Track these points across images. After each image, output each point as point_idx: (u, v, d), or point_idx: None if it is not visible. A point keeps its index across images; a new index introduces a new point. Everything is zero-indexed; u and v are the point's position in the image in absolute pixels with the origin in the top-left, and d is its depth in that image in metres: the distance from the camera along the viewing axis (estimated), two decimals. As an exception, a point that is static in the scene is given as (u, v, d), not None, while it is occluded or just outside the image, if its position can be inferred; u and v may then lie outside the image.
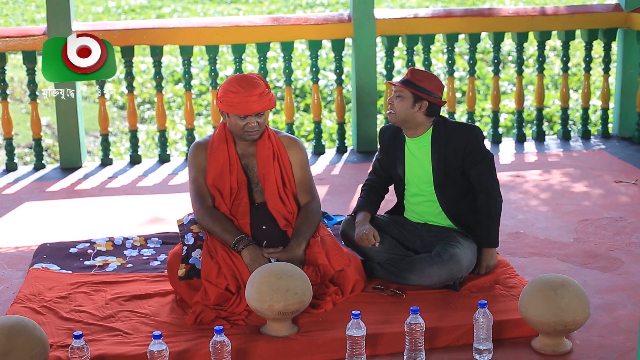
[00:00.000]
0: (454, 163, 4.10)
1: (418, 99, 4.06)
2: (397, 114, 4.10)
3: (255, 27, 6.60)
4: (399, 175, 4.23)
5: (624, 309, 3.89)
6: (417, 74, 4.09)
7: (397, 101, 4.09)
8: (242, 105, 3.96)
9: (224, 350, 3.29)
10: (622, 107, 7.06)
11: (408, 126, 4.14)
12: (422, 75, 4.08)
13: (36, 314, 3.83)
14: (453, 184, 4.13)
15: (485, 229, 4.14)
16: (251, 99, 3.96)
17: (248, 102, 3.96)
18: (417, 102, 4.06)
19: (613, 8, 6.96)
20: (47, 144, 10.27)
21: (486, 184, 4.14)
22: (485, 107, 10.96)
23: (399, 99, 4.08)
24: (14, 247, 4.88)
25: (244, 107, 3.96)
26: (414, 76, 4.08)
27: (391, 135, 4.25)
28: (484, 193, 4.13)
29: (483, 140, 4.16)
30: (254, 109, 3.97)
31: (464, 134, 4.10)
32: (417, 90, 4.05)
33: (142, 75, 12.85)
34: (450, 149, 4.10)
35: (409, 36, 6.70)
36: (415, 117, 4.09)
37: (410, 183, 4.23)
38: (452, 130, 4.11)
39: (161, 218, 5.33)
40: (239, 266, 3.88)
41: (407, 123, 4.12)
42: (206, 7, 18.42)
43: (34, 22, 16.95)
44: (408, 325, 3.40)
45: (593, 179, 5.93)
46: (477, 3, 18.03)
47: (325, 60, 12.63)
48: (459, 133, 4.10)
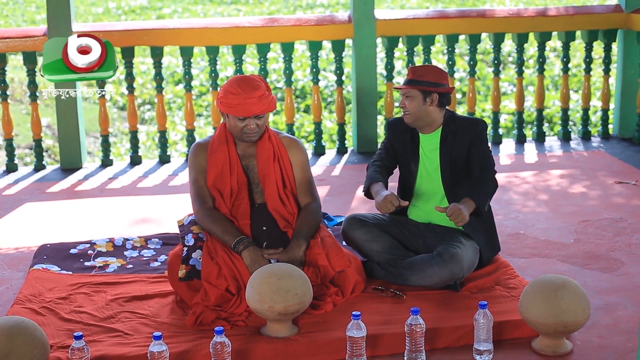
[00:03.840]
0: (461, 157, 4.12)
1: (427, 94, 4.09)
2: (412, 114, 4.12)
3: (256, 28, 6.60)
4: (412, 170, 4.23)
5: (624, 310, 3.89)
6: (418, 71, 4.11)
7: (407, 102, 4.11)
8: (241, 107, 3.96)
9: (224, 351, 3.29)
10: (622, 108, 7.07)
11: (424, 123, 4.16)
12: (423, 70, 4.11)
13: (36, 315, 3.83)
14: (461, 182, 4.13)
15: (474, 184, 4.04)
16: (250, 102, 3.95)
17: (247, 105, 3.95)
18: (427, 97, 4.09)
19: (613, 9, 6.96)
20: (47, 144, 10.27)
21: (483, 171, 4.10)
22: (486, 108, 10.96)
23: (409, 99, 4.11)
24: (14, 248, 4.88)
25: (243, 109, 3.96)
26: (416, 73, 4.10)
27: (402, 129, 4.25)
28: (478, 170, 4.09)
29: (486, 134, 4.20)
30: (253, 111, 3.97)
31: (471, 126, 4.15)
32: (423, 86, 4.07)
33: (143, 76, 12.86)
34: (458, 143, 4.13)
35: (409, 37, 6.71)
36: (430, 112, 4.12)
37: (422, 180, 4.23)
38: (460, 125, 4.16)
39: (161, 219, 5.33)
40: (239, 267, 3.88)
41: (423, 120, 4.14)
42: (206, 8, 18.43)
43: (34, 23, 16.96)
44: (408, 326, 3.40)
45: (593, 180, 5.93)
46: (477, 4, 18.03)
47: (325, 61, 12.64)
48: (467, 126, 4.15)
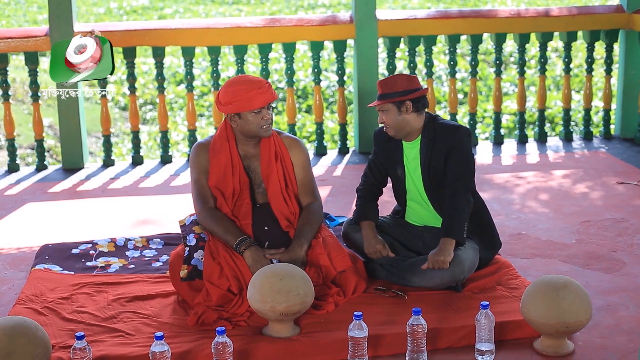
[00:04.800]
0: (440, 165, 4.11)
1: (400, 104, 4.08)
2: (392, 126, 4.12)
3: (257, 28, 6.61)
4: (400, 178, 4.24)
5: (626, 310, 3.88)
6: (385, 84, 4.10)
7: (384, 116, 4.12)
8: (257, 98, 3.97)
9: (226, 351, 3.29)
10: (624, 108, 7.06)
11: (406, 132, 4.15)
12: (391, 82, 4.09)
13: (38, 315, 3.84)
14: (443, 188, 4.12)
15: (448, 219, 4.04)
16: (262, 90, 3.99)
17: (261, 93, 3.98)
18: (401, 107, 4.08)
19: (615, 9, 6.96)
20: (49, 144, 10.27)
21: (457, 184, 4.05)
22: (487, 108, 10.96)
23: (385, 113, 4.11)
24: (15, 248, 4.88)
25: (260, 99, 3.98)
26: (385, 87, 4.09)
27: (386, 138, 4.25)
28: (451, 189, 4.06)
29: (469, 142, 4.13)
30: (268, 99, 4.00)
31: (449, 134, 4.11)
32: (393, 98, 4.06)
33: (144, 76, 12.86)
34: (436, 151, 4.11)
35: (411, 37, 6.71)
36: (408, 120, 4.11)
37: (409, 186, 4.24)
38: (439, 132, 4.12)
39: (163, 219, 5.33)
40: (241, 267, 3.88)
41: (404, 130, 4.13)
42: (208, 8, 18.43)
43: (36, 23, 16.97)
44: (410, 327, 3.40)
45: (595, 180, 5.93)
46: (478, 4, 18.02)
47: (327, 62, 12.64)
48: (445, 134, 4.11)
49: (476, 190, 4.21)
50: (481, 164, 6.39)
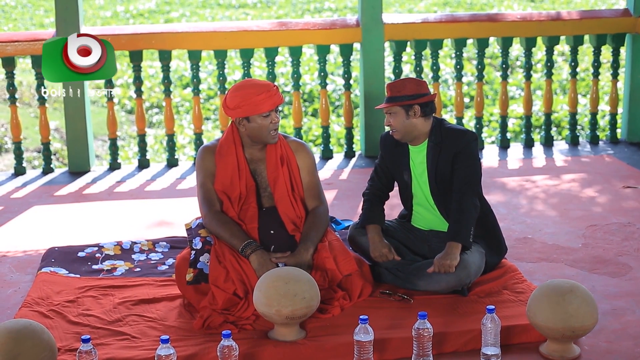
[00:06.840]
0: (446, 170, 4.10)
1: (408, 108, 4.07)
2: (399, 130, 4.11)
3: (264, 31, 6.61)
4: (406, 182, 4.24)
5: (632, 315, 3.88)
6: (396, 87, 4.09)
7: (392, 119, 4.11)
8: (267, 101, 3.98)
9: (232, 354, 3.29)
10: (631, 112, 7.05)
11: (413, 137, 4.14)
12: (400, 85, 4.09)
13: (44, 318, 3.84)
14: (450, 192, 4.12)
15: (454, 223, 4.04)
16: (271, 92, 4.00)
17: (270, 97, 3.99)
18: (409, 110, 4.07)
19: (622, 13, 6.95)
20: (55, 148, 10.29)
21: (463, 188, 4.05)
22: (494, 112, 10.95)
23: (392, 116, 4.10)
24: (22, 251, 4.89)
25: (269, 102, 3.99)
26: (394, 89, 4.09)
27: (393, 143, 4.25)
28: (458, 193, 4.06)
29: (476, 146, 4.13)
30: (277, 102, 4.01)
31: (456, 139, 4.11)
32: (403, 101, 4.06)
33: (151, 80, 12.87)
34: (443, 156, 4.10)
35: (417, 41, 6.71)
36: (415, 124, 4.10)
37: (416, 191, 4.23)
38: (446, 136, 4.12)
39: (169, 222, 5.34)
40: (247, 271, 3.88)
41: (411, 134, 4.13)
42: (214, 12, 18.44)
43: (43, 27, 17.00)
44: (416, 330, 3.40)
45: (601, 184, 5.92)
46: (485, 8, 18.02)
47: (333, 65, 12.64)
48: (451, 138, 4.11)
49: (482, 195, 4.21)
50: (487, 168, 6.38)
